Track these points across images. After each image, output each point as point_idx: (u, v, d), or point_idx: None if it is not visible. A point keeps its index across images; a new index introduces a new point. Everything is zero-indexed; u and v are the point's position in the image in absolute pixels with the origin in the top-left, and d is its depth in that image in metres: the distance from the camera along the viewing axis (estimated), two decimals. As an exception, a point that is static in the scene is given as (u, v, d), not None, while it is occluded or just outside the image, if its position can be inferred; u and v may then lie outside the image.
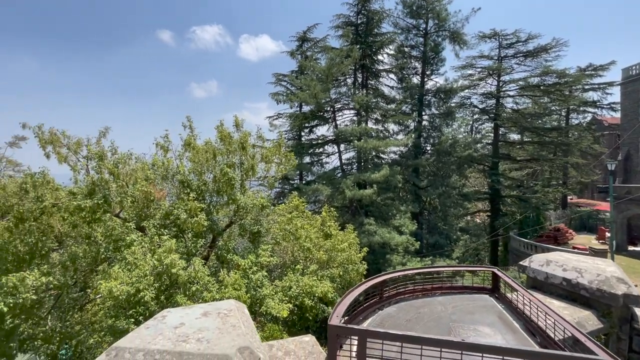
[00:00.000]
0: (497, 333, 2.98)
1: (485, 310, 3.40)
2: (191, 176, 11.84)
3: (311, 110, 29.33)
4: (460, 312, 3.33)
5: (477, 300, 3.67)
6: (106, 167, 10.02)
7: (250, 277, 9.86)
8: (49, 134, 10.06)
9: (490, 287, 3.87)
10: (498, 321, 3.17)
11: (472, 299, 3.68)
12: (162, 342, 1.39)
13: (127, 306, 8.67)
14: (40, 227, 10.35)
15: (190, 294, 8.65)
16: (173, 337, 1.43)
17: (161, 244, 9.29)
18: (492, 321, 3.18)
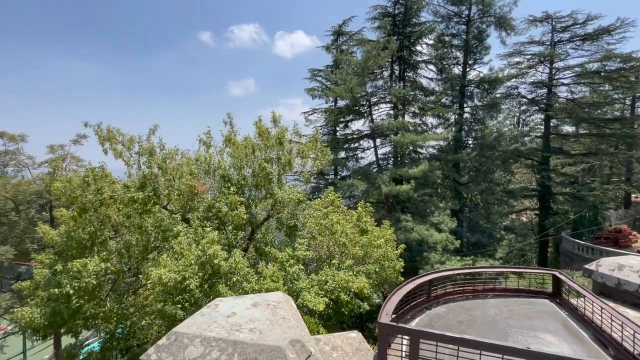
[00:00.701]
0: (563, 342, 2.73)
1: (546, 316, 3.15)
2: (231, 171, 12.29)
3: (346, 104, 29.07)
4: (517, 317, 3.11)
5: (535, 305, 3.40)
6: (155, 162, 10.71)
7: (287, 269, 10.07)
8: (107, 132, 10.96)
9: (551, 291, 3.56)
10: (562, 329, 2.91)
11: (530, 303, 3.42)
12: (217, 330, 1.43)
13: (174, 292, 9.26)
14: (99, 217, 11.35)
15: (231, 284, 9.03)
16: (227, 325, 1.47)
17: (204, 235, 9.78)
18: (555, 328, 2.93)
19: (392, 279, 13.23)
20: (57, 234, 12.35)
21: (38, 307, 10.20)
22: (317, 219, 12.88)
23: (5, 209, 25.28)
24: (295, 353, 1.27)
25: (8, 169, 24.99)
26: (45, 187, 23.44)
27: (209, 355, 1.30)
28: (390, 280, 13.74)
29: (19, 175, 25.74)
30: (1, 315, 21.03)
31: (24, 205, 25.50)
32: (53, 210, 23.92)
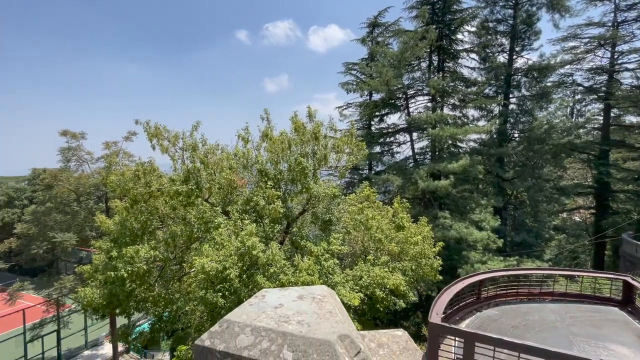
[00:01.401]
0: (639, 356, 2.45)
1: (617, 326, 2.85)
2: (268, 165, 12.58)
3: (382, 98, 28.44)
4: (582, 325, 2.85)
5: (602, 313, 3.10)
6: (198, 157, 11.26)
7: (322, 263, 10.15)
8: (154, 129, 11.69)
9: (620, 298, 3.22)
10: (638, 341, 2.61)
11: (596, 311, 3.12)
12: (266, 320, 1.45)
13: (216, 281, 9.72)
14: (149, 208, 12.20)
15: (269, 275, 9.29)
16: (275, 316, 1.49)
17: (243, 228, 10.14)
18: (629, 340, 2.65)
19: (430, 277, 12.84)
20: (113, 223, 13.47)
21: (97, 289, 11.26)
22: (352, 214, 12.81)
23: (69, 200, 28.07)
24: (344, 348, 1.25)
25: (71, 164, 27.64)
26: (102, 180, 25.66)
27: (259, 344, 1.33)
28: (427, 278, 13.35)
29: (79, 169, 28.40)
30: (66, 294, 23.50)
31: (84, 197, 28.14)
32: (108, 201, 26.14)
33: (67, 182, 27.03)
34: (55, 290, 23.48)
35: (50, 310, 23.67)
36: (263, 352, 1.30)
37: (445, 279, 16.59)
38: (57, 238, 26.86)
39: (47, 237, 27.22)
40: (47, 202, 27.97)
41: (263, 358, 1.29)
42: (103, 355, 24.67)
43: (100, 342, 26.38)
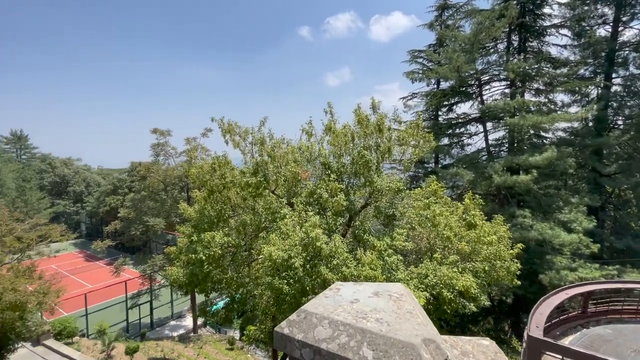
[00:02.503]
0: None
1: None
2: (331, 158, 12.68)
3: (451, 86, 26.46)
4: None
5: None
6: (265, 151, 11.87)
7: (385, 259, 9.94)
8: (227, 125, 12.64)
9: None
10: None
11: None
12: (343, 314, 1.44)
13: (281, 268, 10.22)
14: (223, 198, 13.31)
15: (331, 267, 9.42)
16: (352, 312, 1.46)
17: (307, 219, 10.43)
18: None
19: (505, 281, 11.68)
20: (193, 211, 15.02)
21: (181, 269, 12.73)
22: (417, 209, 12.26)
23: (158, 189, 32.19)
24: (429, 354, 1.17)
25: (160, 158, 31.62)
26: (184, 173, 28.89)
27: (337, 338, 1.31)
28: (502, 282, 12.18)
29: (166, 162, 32.35)
30: (157, 271, 27.15)
31: (170, 187, 32.01)
32: (190, 191, 29.29)
33: (157, 174, 31.01)
34: (149, 267, 27.31)
35: (144, 283, 27.66)
36: (342, 347, 1.29)
37: (523, 285, 14.92)
38: (150, 222, 31.12)
39: (142, 220, 31.72)
40: (142, 191, 32.51)
41: (342, 352, 1.27)
42: (185, 326, 28.02)
43: (183, 314, 30.00)
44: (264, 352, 22.15)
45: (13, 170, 62.08)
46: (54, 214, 58.11)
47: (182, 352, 18.54)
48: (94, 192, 62.74)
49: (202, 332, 26.29)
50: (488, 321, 24.28)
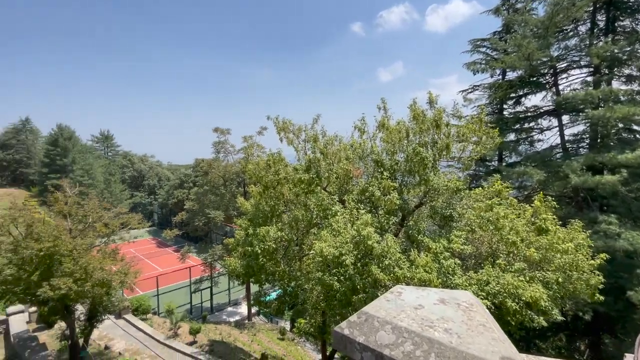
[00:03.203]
0: None
1: None
2: (384, 156, 12.37)
3: (520, 76, 24.02)
4: None
5: None
6: (318, 148, 12.00)
7: (441, 262, 9.42)
8: (282, 123, 13.03)
9: None
10: None
11: None
12: (407, 321, 1.36)
13: (332, 265, 10.28)
14: (276, 193, 13.80)
15: (383, 267, 9.21)
16: (417, 318, 1.37)
17: (358, 217, 10.33)
18: None
19: (584, 295, 10.33)
20: (249, 205, 15.83)
21: (238, 260, 13.51)
22: (477, 210, 11.39)
23: (218, 184, 34.58)
24: (509, 375, 1.05)
25: (220, 155, 33.91)
26: (241, 169, 30.61)
27: (401, 345, 1.24)
28: (579, 296, 10.77)
29: (226, 159, 34.58)
30: (216, 260, 29.25)
31: (229, 182, 34.19)
32: (246, 186, 30.95)
33: (218, 170, 33.31)
34: (209, 255, 29.54)
35: (206, 270, 30.01)
36: (406, 355, 1.22)
37: (606, 301, 13.02)
38: (211, 214, 33.63)
39: (205, 212, 34.40)
40: (204, 186, 35.21)
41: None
42: (240, 313, 29.82)
43: (239, 302, 31.96)
44: (313, 346, 22.62)
45: (102, 165, 71.80)
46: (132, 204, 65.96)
47: (238, 337, 19.74)
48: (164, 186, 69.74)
49: (255, 320, 27.74)
50: (559, 338, 21.77)
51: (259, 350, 17.68)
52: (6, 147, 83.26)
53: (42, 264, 11.66)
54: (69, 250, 11.99)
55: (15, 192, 70.74)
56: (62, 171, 61.00)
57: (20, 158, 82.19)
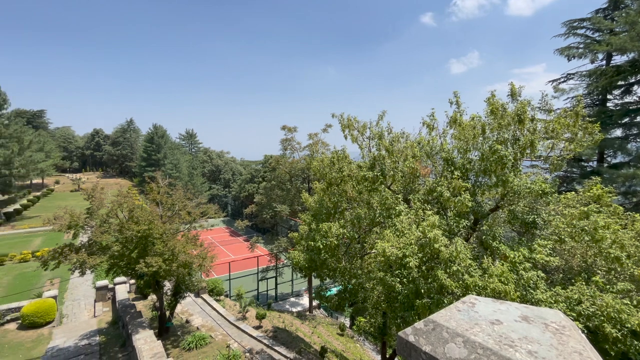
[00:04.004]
0: None
1: None
2: (455, 153, 11.53)
3: (631, 60, 20.11)
4: None
5: None
6: (383, 145, 11.70)
7: (520, 273, 8.43)
8: (347, 120, 13.04)
9: None
10: None
11: None
12: (482, 336, 1.23)
13: (394, 266, 9.97)
14: (339, 190, 13.90)
15: (451, 272, 8.61)
16: (493, 335, 1.24)
17: (424, 218, 9.81)
18: None
19: None
20: (313, 201, 16.24)
21: (301, 253, 13.98)
22: (569, 217, 9.89)
23: (284, 180, 36.22)
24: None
25: (287, 152, 35.44)
26: (306, 165, 31.58)
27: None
28: None
29: (292, 156, 36.02)
30: (281, 252, 30.76)
31: (294, 178, 35.59)
32: (310, 182, 31.84)
33: (284, 166, 34.90)
34: (275, 247, 31.20)
35: (271, 261, 31.81)
36: (481, 374, 1.10)
37: None
38: (277, 208, 35.43)
39: (272, 206, 36.40)
40: (272, 181, 37.21)
41: (480, 380, 1.09)
42: (302, 304, 30.91)
43: (300, 294, 33.17)
44: (373, 346, 22.34)
45: (186, 160, 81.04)
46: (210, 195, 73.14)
47: (299, 327, 20.51)
48: (237, 180, 75.68)
49: (316, 313, 28.48)
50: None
51: (319, 343, 18.12)
52: (116, 144, 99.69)
53: (140, 244, 13.67)
54: (160, 234, 13.81)
55: (122, 181, 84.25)
56: (156, 165, 70.61)
57: (125, 153, 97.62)
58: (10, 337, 16.43)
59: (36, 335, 16.66)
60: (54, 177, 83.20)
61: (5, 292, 22.20)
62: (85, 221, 13.56)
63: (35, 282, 23.52)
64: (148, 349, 11.80)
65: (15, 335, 16.54)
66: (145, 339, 12.67)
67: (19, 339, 16.20)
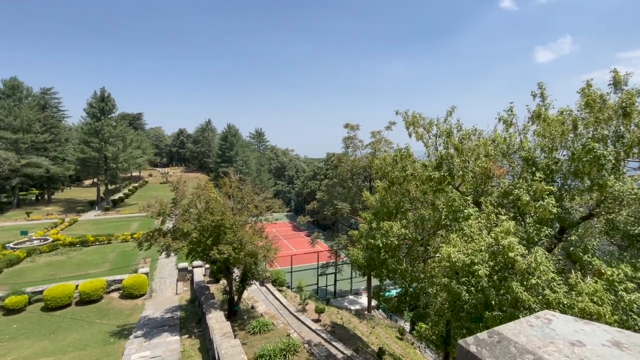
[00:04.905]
0: None
1: None
2: (537, 152, 10.27)
3: None
4: None
5: None
6: (452, 143, 10.97)
7: (620, 294, 7.16)
8: (412, 117, 12.53)
9: None
10: None
11: None
12: (558, 356, 1.10)
13: (461, 273, 9.30)
14: (402, 190, 13.45)
15: (528, 286, 7.72)
16: (573, 357, 1.09)
17: (497, 223, 8.94)
18: None
19: None
20: (374, 200, 16.01)
21: (361, 251, 13.92)
22: (692, 232, 8.06)
23: (345, 178, 36.34)
24: None
25: (349, 150, 35.48)
26: (368, 164, 31.23)
27: (547, 384, 1.01)
28: None
29: (354, 154, 35.93)
30: (341, 249, 31.01)
31: (356, 176, 35.49)
32: (372, 181, 31.41)
33: (346, 164, 35.01)
34: (335, 244, 31.58)
35: (331, 257, 32.28)
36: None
37: None
38: (338, 205, 35.76)
39: (333, 203, 36.87)
40: (334, 178, 37.65)
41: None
42: (360, 303, 30.76)
43: (359, 292, 33.04)
44: (434, 355, 21.21)
45: (255, 157, 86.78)
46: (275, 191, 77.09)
47: (357, 326, 20.47)
48: (300, 177, 78.37)
49: (374, 314, 28.08)
50: None
51: (377, 344, 17.86)
52: (196, 142, 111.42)
53: (214, 233, 15.11)
54: (231, 224, 15.08)
55: (200, 176, 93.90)
56: (229, 161, 77.08)
57: (204, 150, 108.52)
58: (114, 304, 19.63)
59: (132, 304, 19.61)
60: (148, 170, 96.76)
61: (112, 265, 26.56)
62: (170, 210, 15.48)
63: (132, 259, 27.65)
64: (219, 328, 13.00)
65: (117, 303, 19.71)
66: (217, 319, 13.98)
67: (120, 307, 19.26)
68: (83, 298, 19.11)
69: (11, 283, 22.17)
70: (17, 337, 15.67)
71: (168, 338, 14.83)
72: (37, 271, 25.10)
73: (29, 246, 29.46)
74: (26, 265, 26.23)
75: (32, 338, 15.59)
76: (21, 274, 24.48)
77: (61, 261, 27.52)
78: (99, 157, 50.92)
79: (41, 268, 25.78)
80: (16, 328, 16.62)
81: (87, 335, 15.76)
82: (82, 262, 27.45)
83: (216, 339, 11.97)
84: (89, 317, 17.79)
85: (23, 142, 48.03)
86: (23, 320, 17.38)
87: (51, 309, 18.32)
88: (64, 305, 18.67)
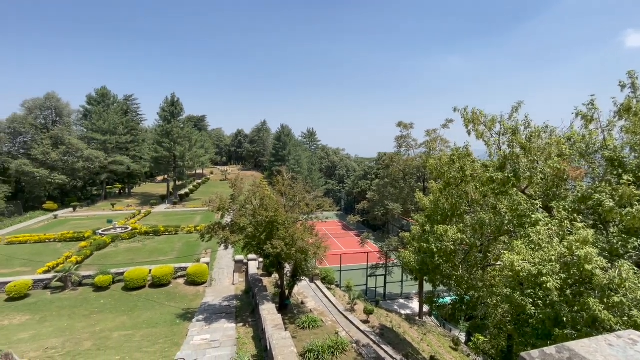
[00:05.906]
0: None
1: None
2: (625, 152, 8.93)
3: None
4: None
5: None
6: (518, 142, 10.05)
7: None
8: (471, 114, 11.72)
9: None
10: None
11: None
12: (643, 382, 0.97)
13: (526, 284, 8.49)
14: (459, 192, 12.66)
15: (610, 304, 6.76)
16: (662, 385, 0.96)
17: (572, 231, 7.97)
18: None
19: None
20: (428, 201, 15.34)
21: (413, 254, 13.45)
22: None
23: (397, 178, 35.36)
24: None
25: (402, 149, 34.45)
26: (422, 164, 29.98)
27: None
28: None
29: (407, 153, 34.79)
30: (391, 250, 30.26)
31: (409, 176, 34.32)
32: (426, 182, 30.09)
33: (398, 164, 34.03)
34: (385, 245, 30.94)
35: (381, 258, 31.68)
36: None
37: None
38: (390, 206, 34.95)
39: (384, 204, 36.14)
40: (385, 178, 36.88)
41: None
42: (412, 308, 29.71)
43: (410, 297, 31.92)
44: (492, 370, 19.64)
45: (307, 156, 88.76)
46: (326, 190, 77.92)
47: (407, 331, 19.83)
48: (351, 176, 78.13)
49: (426, 320, 26.91)
50: None
51: (428, 352, 17.10)
52: (252, 142, 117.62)
53: (267, 228, 15.83)
54: (283, 221, 15.66)
55: (256, 174, 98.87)
56: (282, 160, 79.95)
57: (259, 150, 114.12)
58: (180, 289, 21.68)
59: (195, 291, 21.45)
60: (209, 168, 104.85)
61: (179, 254, 29.33)
62: (229, 205, 16.59)
63: (195, 249, 30.22)
64: (271, 319, 13.61)
65: (183, 289, 21.73)
66: (269, 311, 14.64)
67: (184, 292, 21.21)
68: (155, 282, 21.45)
69: (99, 264, 25.78)
70: (104, 311, 18.18)
71: (225, 325, 15.93)
72: (119, 255, 28.79)
73: (113, 233, 33.92)
74: (111, 250, 30.24)
75: (115, 313, 17.95)
76: (107, 257, 28.29)
77: (138, 248, 31.18)
78: (169, 155, 56.64)
79: (122, 253, 29.51)
80: (103, 303, 19.28)
81: (157, 315, 17.66)
82: (154, 249, 30.77)
83: (268, 330, 12.55)
84: (159, 299, 19.92)
85: (110, 143, 55.52)
86: (108, 297, 20.10)
87: (130, 289, 20.90)
88: (140, 287, 21.16)
